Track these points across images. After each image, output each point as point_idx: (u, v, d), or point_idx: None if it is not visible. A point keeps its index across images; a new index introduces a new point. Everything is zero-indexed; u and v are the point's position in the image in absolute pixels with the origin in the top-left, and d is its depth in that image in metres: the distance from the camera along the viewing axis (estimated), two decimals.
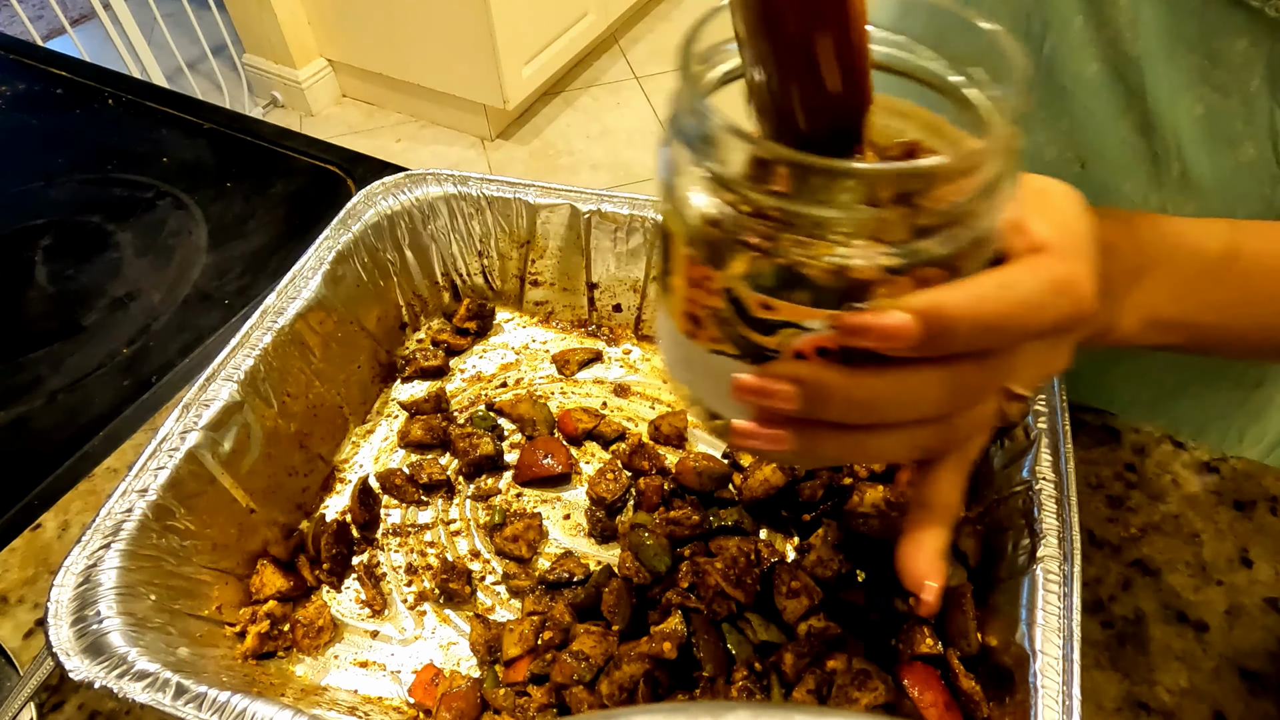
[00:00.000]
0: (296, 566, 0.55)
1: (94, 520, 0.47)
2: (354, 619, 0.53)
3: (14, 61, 1.05)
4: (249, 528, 0.54)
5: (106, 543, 0.46)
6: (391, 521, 0.58)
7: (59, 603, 0.44)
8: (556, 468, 0.59)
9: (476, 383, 0.66)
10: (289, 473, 0.57)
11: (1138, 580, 0.52)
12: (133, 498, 0.48)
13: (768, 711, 0.30)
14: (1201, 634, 0.50)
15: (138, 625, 0.45)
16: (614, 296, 0.68)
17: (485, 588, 0.55)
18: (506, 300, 0.70)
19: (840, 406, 0.29)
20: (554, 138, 2.52)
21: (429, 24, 2.26)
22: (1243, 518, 0.55)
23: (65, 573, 0.45)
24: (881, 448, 0.31)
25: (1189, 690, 0.48)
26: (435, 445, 0.62)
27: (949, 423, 0.31)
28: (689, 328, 0.32)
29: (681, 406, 0.63)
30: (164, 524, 0.49)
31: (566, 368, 0.66)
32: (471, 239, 0.67)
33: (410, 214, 0.65)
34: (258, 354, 0.55)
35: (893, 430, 0.30)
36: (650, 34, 2.86)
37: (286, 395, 0.57)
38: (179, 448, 0.50)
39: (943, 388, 0.29)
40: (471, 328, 0.68)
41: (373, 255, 0.64)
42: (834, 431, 0.30)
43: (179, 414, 0.51)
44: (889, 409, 0.29)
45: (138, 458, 0.50)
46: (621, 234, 0.65)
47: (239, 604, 0.52)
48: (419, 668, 0.51)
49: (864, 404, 0.29)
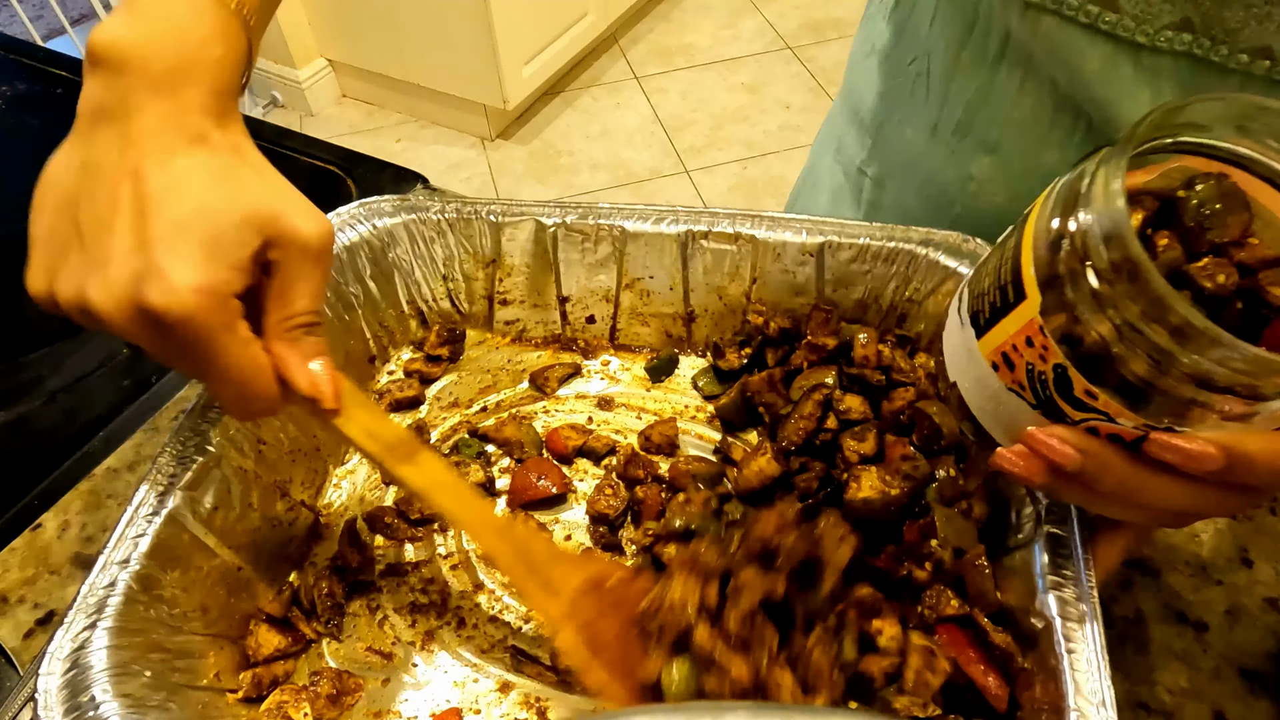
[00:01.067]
0: (292, 621, 0.52)
1: (75, 599, 0.44)
2: (361, 669, 0.52)
3: (14, 61, 1.03)
4: (238, 587, 0.51)
5: (92, 621, 0.44)
6: (386, 562, 0.56)
7: (48, 692, 0.41)
8: (552, 489, 0.58)
9: (455, 409, 0.65)
10: (273, 524, 0.55)
11: (1138, 580, 0.53)
12: (114, 570, 0.45)
13: (768, 711, 0.32)
14: (1201, 634, 0.50)
15: (137, 707, 0.43)
16: (586, 308, 0.67)
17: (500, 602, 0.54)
18: (476, 322, 0.69)
19: (1106, 486, 0.33)
20: (554, 138, 2.52)
21: (429, 24, 2.25)
22: (1243, 518, 0.55)
23: (50, 659, 0.42)
24: (1111, 512, 0.36)
25: (1189, 690, 0.48)
26: None
27: (1182, 518, 0.35)
28: (995, 360, 0.35)
29: (670, 415, 0.63)
30: (151, 594, 0.46)
31: (547, 385, 0.65)
32: (435, 263, 0.66)
33: (369, 244, 0.63)
34: None
35: (1132, 510, 0.34)
36: (650, 34, 2.86)
37: (261, 444, 0.54)
38: (157, 511, 0.47)
39: (1205, 500, 0.32)
40: (443, 354, 0.66)
41: (335, 290, 0.61)
42: (1086, 492, 0.34)
43: (152, 475, 0.49)
44: (1147, 498, 0.33)
45: (118, 522, 0.47)
46: (589, 245, 0.64)
47: (236, 668, 0.50)
48: (437, 710, 0.49)
49: (1130, 490, 0.33)
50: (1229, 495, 0.32)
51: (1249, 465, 0.30)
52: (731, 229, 0.61)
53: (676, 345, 0.66)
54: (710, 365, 0.65)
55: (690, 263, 0.62)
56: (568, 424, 0.62)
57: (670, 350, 0.66)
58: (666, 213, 0.62)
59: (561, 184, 2.37)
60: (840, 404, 0.56)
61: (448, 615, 0.53)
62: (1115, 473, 0.32)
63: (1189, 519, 0.36)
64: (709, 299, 0.64)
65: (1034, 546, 0.45)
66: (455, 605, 0.54)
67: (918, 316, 0.60)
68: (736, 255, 0.61)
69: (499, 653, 0.52)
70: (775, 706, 0.38)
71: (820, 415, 0.55)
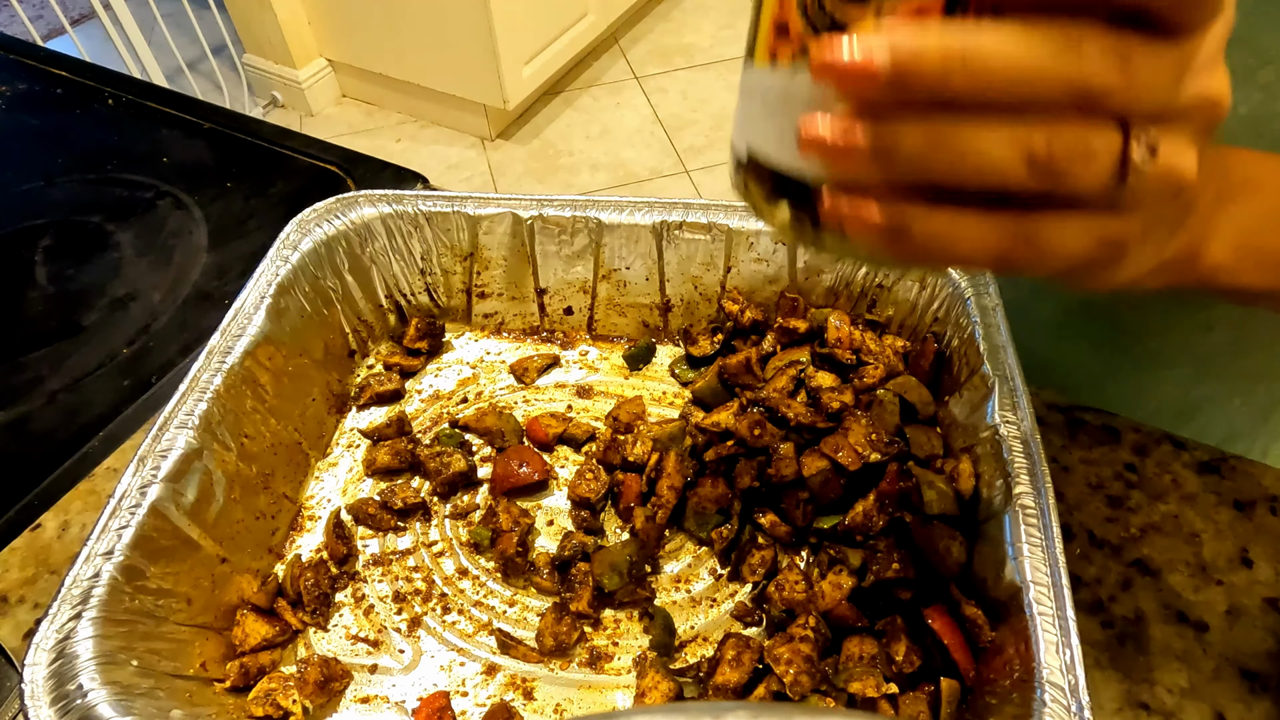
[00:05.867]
0: (277, 611, 0.53)
1: (59, 591, 0.45)
2: (348, 656, 0.52)
3: (14, 61, 1.05)
4: (223, 578, 0.52)
5: (77, 612, 0.44)
6: (370, 552, 0.57)
7: (34, 683, 0.42)
8: (534, 475, 0.59)
9: (436, 402, 0.66)
10: (256, 516, 0.55)
11: (1138, 580, 0.52)
12: (98, 561, 0.46)
13: (767, 711, 0.30)
14: (1201, 634, 0.50)
15: (125, 694, 0.43)
16: (564, 300, 0.68)
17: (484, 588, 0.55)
18: (454, 316, 0.70)
19: (935, 70, 0.23)
20: (554, 138, 2.52)
21: (429, 24, 2.26)
22: (1243, 518, 0.55)
23: (35, 650, 0.43)
24: (978, 146, 0.24)
25: (1189, 690, 0.48)
26: (404, 469, 0.61)
27: (1063, 127, 0.24)
28: (773, 45, 0.28)
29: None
30: (135, 585, 0.46)
31: (526, 375, 0.66)
32: (412, 257, 0.66)
33: (347, 238, 0.64)
34: (210, 397, 0.53)
35: (995, 123, 0.24)
36: (650, 34, 2.86)
37: (244, 437, 0.55)
38: (140, 503, 0.48)
39: (1060, 55, 0.23)
40: (422, 347, 0.67)
41: (314, 284, 0.62)
42: (920, 123, 0.24)
43: (135, 468, 0.49)
44: (993, 76, 0.23)
45: (97, 517, 0.47)
46: (566, 237, 0.64)
47: (223, 658, 0.51)
48: (424, 694, 0.50)
49: (964, 66, 0.23)
50: (1095, 40, 0.23)
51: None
52: (705, 219, 0.62)
53: (654, 335, 0.67)
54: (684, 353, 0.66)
55: (666, 253, 0.63)
56: (547, 412, 0.63)
57: (648, 339, 0.67)
58: (641, 204, 0.63)
59: (561, 184, 2.37)
60: (812, 381, 0.57)
61: (433, 601, 0.54)
62: (936, 42, 0.23)
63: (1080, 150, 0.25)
64: (685, 289, 0.65)
65: (1003, 517, 0.46)
66: (440, 591, 0.55)
67: (887, 302, 0.61)
68: (710, 245, 0.62)
69: (485, 636, 0.53)
70: (775, 706, 0.38)
71: (792, 390, 0.57)
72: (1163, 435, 0.59)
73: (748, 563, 0.53)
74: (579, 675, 0.51)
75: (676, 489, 0.54)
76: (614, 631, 0.53)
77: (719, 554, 0.55)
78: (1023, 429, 0.49)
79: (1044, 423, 0.59)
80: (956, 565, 0.48)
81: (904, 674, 0.46)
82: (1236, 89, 0.44)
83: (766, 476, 0.54)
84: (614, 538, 0.57)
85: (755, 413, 0.55)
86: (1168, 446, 0.58)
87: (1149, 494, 0.56)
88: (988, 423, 0.50)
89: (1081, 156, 0.25)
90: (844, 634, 0.49)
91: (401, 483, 0.60)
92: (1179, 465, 0.57)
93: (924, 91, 0.24)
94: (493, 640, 0.52)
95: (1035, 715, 0.38)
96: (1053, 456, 0.58)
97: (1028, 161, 0.25)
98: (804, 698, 0.46)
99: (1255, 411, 0.62)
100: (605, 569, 0.52)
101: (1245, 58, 0.45)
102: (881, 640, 0.48)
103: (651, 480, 0.55)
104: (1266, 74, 0.45)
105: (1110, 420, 0.60)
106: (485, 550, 0.56)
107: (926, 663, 0.47)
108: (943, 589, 0.48)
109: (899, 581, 0.48)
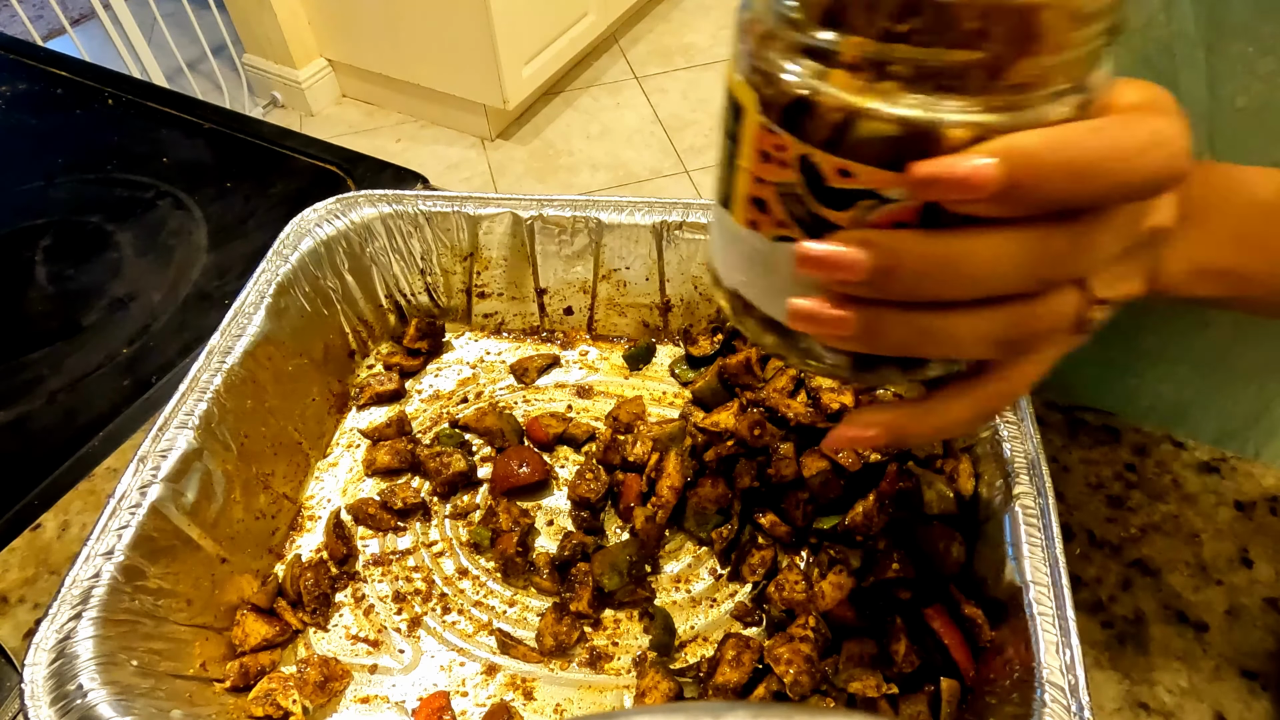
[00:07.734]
0: (277, 611, 0.53)
1: (59, 591, 0.45)
2: (348, 656, 0.52)
3: (14, 61, 1.05)
4: (223, 578, 0.52)
5: (77, 612, 0.44)
6: (370, 552, 0.57)
7: (34, 683, 0.42)
8: (534, 475, 0.58)
9: (436, 401, 0.66)
10: (256, 516, 0.55)
11: (1138, 580, 0.52)
12: (98, 561, 0.46)
13: (767, 711, 0.30)
14: (1201, 634, 0.50)
15: (125, 694, 0.43)
16: (564, 300, 0.68)
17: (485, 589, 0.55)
18: (454, 316, 0.70)
19: (911, 274, 0.26)
20: (554, 138, 2.52)
21: (429, 24, 2.26)
22: (1243, 518, 0.55)
23: (35, 650, 0.43)
24: (953, 333, 0.28)
25: (1189, 690, 0.48)
26: (404, 469, 0.61)
27: (1028, 309, 0.28)
28: (752, 215, 0.29)
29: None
30: (135, 585, 0.46)
31: (526, 375, 0.65)
32: (412, 257, 0.66)
33: (347, 238, 0.64)
34: (210, 397, 0.53)
35: (967, 313, 0.27)
36: (650, 34, 2.86)
37: (244, 437, 0.55)
38: (140, 503, 0.48)
39: (1024, 253, 0.26)
40: (422, 348, 0.67)
41: (314, 284, 0.62)
42: (902, 313, 0.27)
43: (135, 468, 0.49)
44: (964, 279, 0.26)
45: (97, 518, 0.47)
46: (566, 237, 0.64)
47: (223, 658, 0.51)
48: (424, 694, 0.50)
49: (938, 271, 0.26)
50: (1065, 236, 0.26)
51: (1034, 164, 0.24)
52: (706, 219, 0.62)
53: (654, 335, 0.67)
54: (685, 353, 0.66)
55: (666, 253, 0.63)
56: (547, 412, 0.63)
57: (648, 339, 0.67)
58: (641, 204, 0.63)
59: (561, 184, 2.37)
60: (812, 381, 0.57)
61: (433, 601, 0.54)
62: (914, 253, 0.26)
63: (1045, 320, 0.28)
64: (685, 289, 0.65)
65: (1003, 517, 0.46)
66: (440, 592, 0.55)
67: None
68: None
69: (485, 636, 0.53)
70: (775, 706, 0.39)
71: (792, 390, 0.57)
72: (1163, 435, 0.59)
73: (748, 563, 0.53)
74: (579, 675, 0.51)
75: (676, 489, 0.54)
76: (614, 631, 0.53)
77: (719, 554, 0.55)
78: (1023, 429, 0.49)
79: (1044, 423, 0.59)
80: (956, 565, 0.48)
81: (904, 674, 0.46)
82: (1235, 80, 0.44)
83: (766, 476, 0.54)
84: (614, 538, 0.57)
85: (755, 413, 0.55)
86: (1168, 446, 0.58)
87: (1149, 494, 0.56)
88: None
89: (1046, 331, 0.28)
90: (844, 634, 0.49)
91: (401, 483, 0.60)
92: (1179, 465, 0.57)
93: (902, 292, 0.27)
94: (493, 640, 0.52)
95: (1035, 715, 0.38)
96: (1053, 456, 0.58)
97: (996, 345, 0.28)
98: (804, 698, 0.46)
99: (1248, 411, 0.62)
100: (605, 569, 0.52)
101: (1245, 47, 0.45)
102: (881, 640, 0.48)
103: (651, 480, 0.55)
104: (1267, 64, 0.45)
105: (1110, 420, 0.60)
106: (485, 550, 0.56)
107: (926, 663, 0.46)
108: (942, 589, 0.47)
109: (899, 581, 0.48)
